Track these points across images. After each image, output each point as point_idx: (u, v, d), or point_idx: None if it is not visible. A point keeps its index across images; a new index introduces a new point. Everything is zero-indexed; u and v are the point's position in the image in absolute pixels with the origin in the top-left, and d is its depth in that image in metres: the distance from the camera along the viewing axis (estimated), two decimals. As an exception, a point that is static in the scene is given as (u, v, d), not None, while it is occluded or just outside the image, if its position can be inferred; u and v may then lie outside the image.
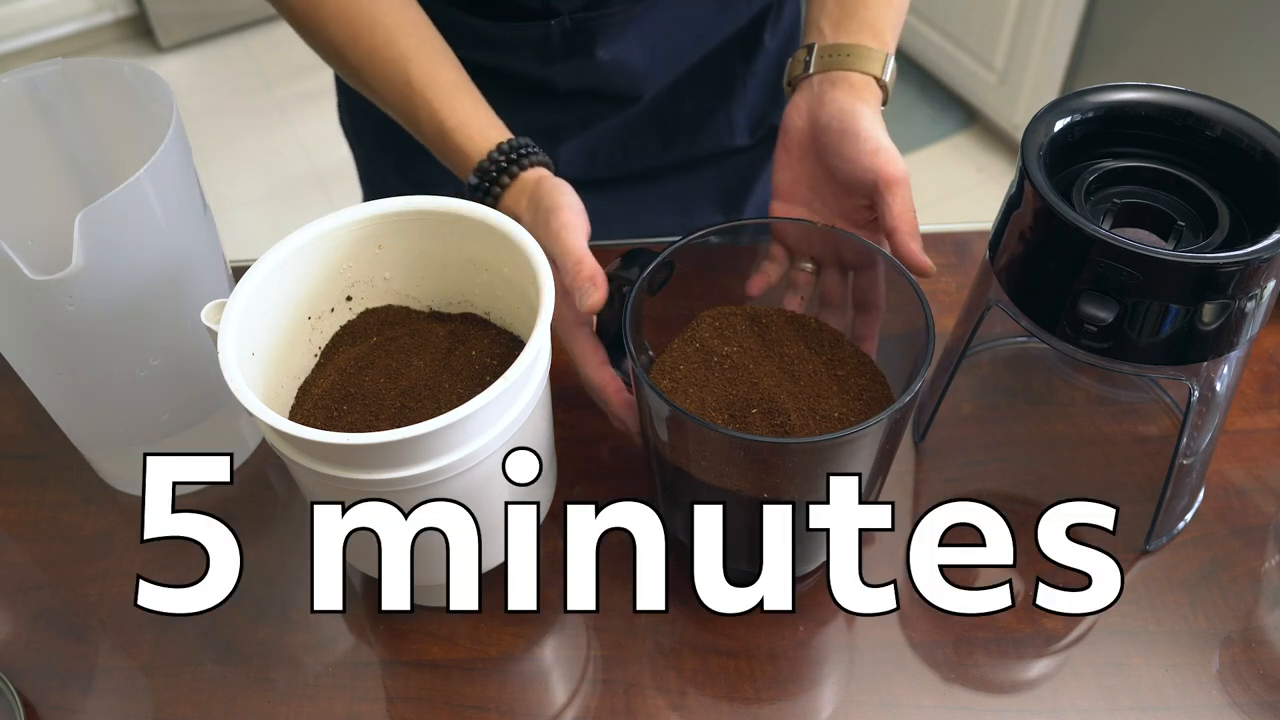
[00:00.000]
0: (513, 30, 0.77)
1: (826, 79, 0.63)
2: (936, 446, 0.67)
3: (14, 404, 0.71)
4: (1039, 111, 0.55)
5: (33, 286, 0.51)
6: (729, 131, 0.88)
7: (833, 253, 0.61)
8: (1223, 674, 0.56)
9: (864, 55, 0.63)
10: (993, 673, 0.57)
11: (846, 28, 0.64)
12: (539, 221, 0.58)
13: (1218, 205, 0.53)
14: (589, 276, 0.55)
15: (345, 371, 0.56)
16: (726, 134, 0.89)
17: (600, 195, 0.89)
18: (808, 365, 0.57)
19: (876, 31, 0.64)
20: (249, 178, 2.28)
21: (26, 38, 2.48)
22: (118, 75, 0.60)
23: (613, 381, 0.59)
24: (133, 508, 0.66)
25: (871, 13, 0.65)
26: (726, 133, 0.89)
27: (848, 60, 0.63)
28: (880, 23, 0.65)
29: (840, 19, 0.65)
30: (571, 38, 0.78)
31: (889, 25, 0.65)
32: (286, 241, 0.54)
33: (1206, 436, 0.59)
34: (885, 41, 0.64)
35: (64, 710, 0.57)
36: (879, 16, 0.65)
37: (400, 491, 0.49)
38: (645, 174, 0.90)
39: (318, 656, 0.59)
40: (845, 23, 0.65)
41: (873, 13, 0.65)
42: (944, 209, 2.08)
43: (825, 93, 0.62)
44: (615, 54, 0.79)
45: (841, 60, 0.63)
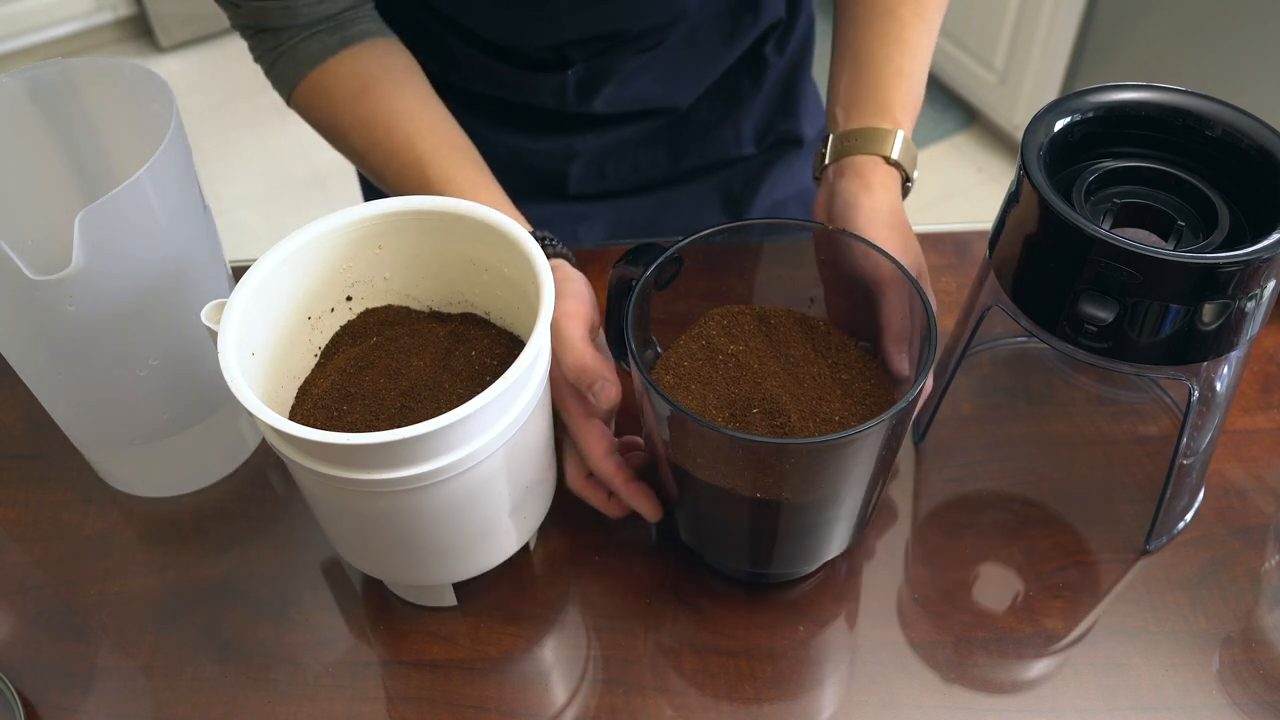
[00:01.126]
0: (529, 79, 0.78)
1: (836, 169, 0.62)
2: (936, 446, 0.67)
3: (14, 404, 0.71)
4: (1039, 111, 0.55)
5: (33, 286, 0.51)
6: (736, 142, 0.89)
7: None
8: (1223, 674, 0.56)
9: (871, 137, 0.62)
10: (993, 673, 0.57)
11: (856, 112, 0.64)
12: None
13: (1218, 205, 0.53)
14: (597, 377, 0.55)
15: (345, 371, 0.56)
16: (734, 144, 0.89)
17: (609, 206, 0.89)
18: (812, 367, 0.57)
19: (886, 110, 0.63)
20: (249, 178, 2.28)
21: (26, 38, 2.48)
22: (118, 75, 0.60)
23: (620, 471, 0.58)
24: (133, 508, 0.66)
25: (880, 92, 0.64)
26: (734, 143, 0.89)
27: (855, 144, 0.62)
28: (890, 100, 0.64)
29: (850, 104, 0.64)
30: (585, 83, 0.79)
31: (899, 102, 0.64)
32: (286, 241, 0.54)
33: (1206, 436, 0.59)
34: (896, 119, 0.63)
35: (64, 710, 0.57)
36: (888, 95, 0.64)
37: (400, 492, 0.49)
38: (653, 185, 0.90)
39: (318, 656, 0.59)
40: (855, 107, 0.64)
41: (882, 92, 0.64)
42: (944, 209, 2.08)
43: (835, 184, 0.62)
44: (628, 92, 0.80)
45: (851, 146, 0.62)
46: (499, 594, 0.61)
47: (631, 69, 0.79)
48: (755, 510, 0.53)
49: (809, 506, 0.52)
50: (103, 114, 0.63)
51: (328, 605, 0.61)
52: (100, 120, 0.63)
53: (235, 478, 0.68)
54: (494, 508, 0.54)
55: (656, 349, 0.59)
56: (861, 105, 0.64)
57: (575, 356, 0.56)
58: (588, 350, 0.56)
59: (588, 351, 0.56)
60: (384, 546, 0.55)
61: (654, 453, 0.56)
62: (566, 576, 0.62)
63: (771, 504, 0.52)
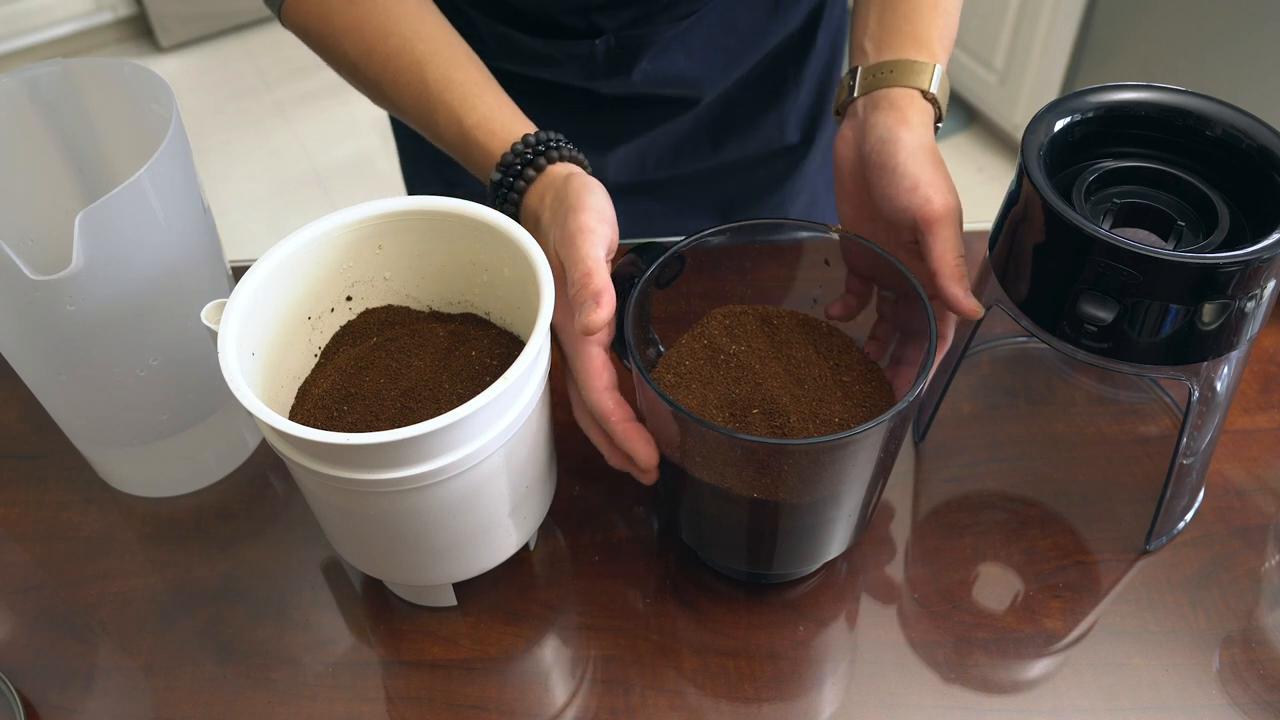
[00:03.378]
0: (557, 47, 0.75)
1: (869, 101, 0.59)
2: (936, 446, 0.67)
3: (14, 404, 0.71)
4: (1039, 111, 0.55)
5: (33, 286, 0.51)
6: (780, 132, 0.85)
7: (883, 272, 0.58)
8: (1223, 674, 0.56)
9: (908, 70, 0.58)
10: (993, 673, 0.57)
11: (890, 44, 0.60)
12: (557, 220, 0.54)
13: (1218, 205, 0.53)
14: (595, 292, 0.50)
15: (345, 372, 0.56)
16: (778, 134, 0.85)
17: (649, 196, 0.86)
18: (814, 369, 0.57)
19: (922, 43, 0.60)
20: (249, 178, 2.28)
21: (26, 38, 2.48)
22: (118, 75, 0.60)
23: (618, 409, 0.53)
24: (133, 508, 0.66)
25: (916, 25, 0.60)
26: (778, 133, 0.85)
27: (890, 77, 0.58)
28: (926, 33, 0.60)
29: (882, 36, 0.61)
30: (616, 54, 0.75)
31: (936, 36, 0.60)
32: (286, 241, 0.54)
33: (1206, 436, 0.59)
34: (934, 53, 0.59)
35: (64, 710, 0.57)
36: (925, 28, 0.60)
37: (400, 492, 0.49)
38: (693, 175, 0.87)
39: (318, 656, 0.59)
40: (888, 40, 0.60)
41: (918, 25, 0.60)
42: (944, 209, 2.07)
43: (868, 118, 0.58)
44: (661, 67, 0.76)
45: (884, 78, 0.59)
46: (499, 594, 0.61)
47: (666, 40, 0.74)
48: (755, 511, 0.53)
49: (809, 507, 0.52)
50: (103, 114, 0.63)
51: (328, 605, 0.61)
52: (100, 120, 0.63)
53: (235, 478, 0.67)
54: (494, 508, 0.54)
55: (659, 348, 0.59)
56: (896, 37, 0.60)
57: (583, 270, 0.51)
58: (600, 269, 0.51)
59: (599, 270, 0.51)
60: (384, 546, 0.55)
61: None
62: (566, 576, 0.62)
63: (771, 505, 0.52)
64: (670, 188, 0.87)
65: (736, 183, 0.89)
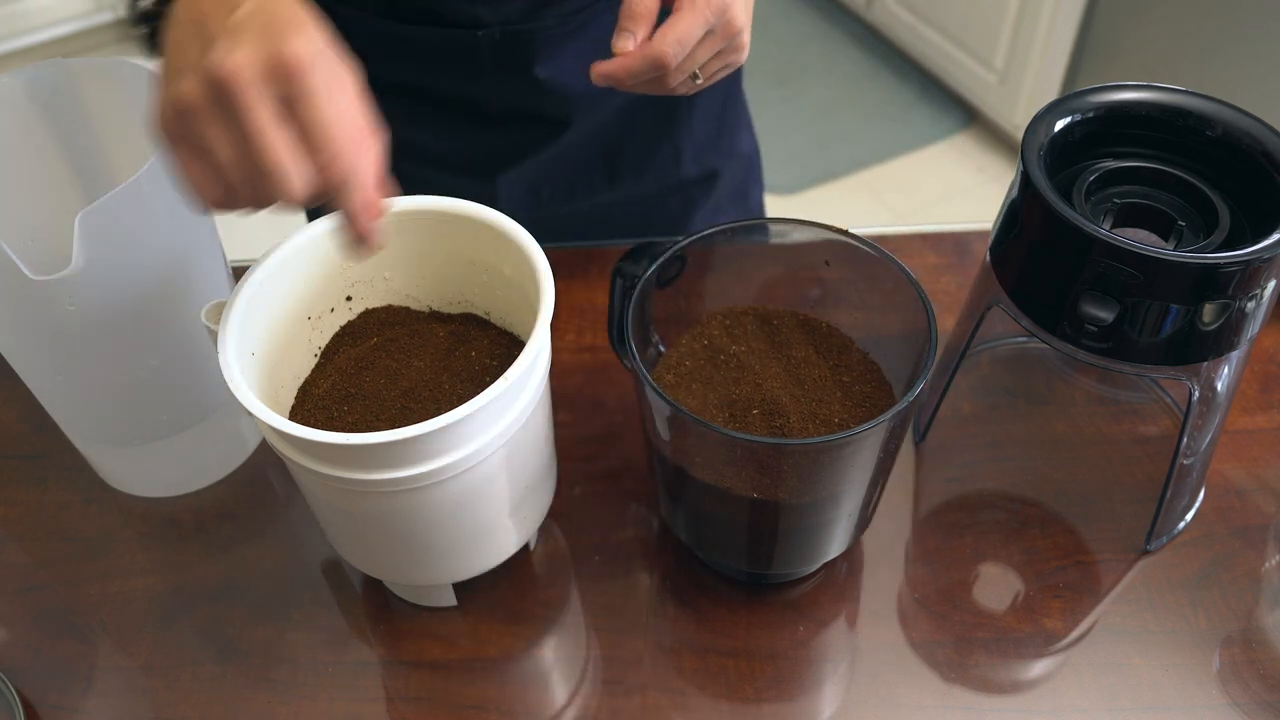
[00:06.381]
0: (436, 36, 0.72)
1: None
2: (936, 446, 0.67)
3: (14, 404, 0.71)
4: (1039, 111, 0.55)
5: (33, 286, 0.51)
6: (675, 164, 0.83)
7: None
8: (1223, 674, 0.56)
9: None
10: (993, 673, 0.57)
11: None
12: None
13: (1218, 205, 0.53)
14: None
15: (345, 372, 0.56)
16: (674, 167, 0.83)
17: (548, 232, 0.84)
18: (814, 369, 0.57)
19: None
20: (249, 178, 2.27)
21: (26, 38, 2.48)
22: (118, 75, 0.60)
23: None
24: (133, 508, 0.66)
25: None
26: (674, 165, 0.83)
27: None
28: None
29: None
30: (502, 51, 0.72)
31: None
32: (286, 241, 0.54)
33: (1206, 436, 0.59)
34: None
35: (64, 710, 0.57)
36: None
37: (400, 492, 0.49)
38: (591, 211, 0.85)
39: (318, 656, 0.59)
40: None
41: None
42: (944, 209, 2.08)
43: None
44: (551, 72, 0.74)
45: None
46: (499, 594, 0.61)
47: (555, 38, 0.72)
48: (755, 511, 0.53)
49: (808, 507, 0.52)
50: (103, 114, 0.63)
51: (328, 605, 0.61)
52: (100, 120, 0.63)
53: (235, 478, 0.67)
54: (494, 508, 0.54)
55: (659, 347, 0.59)
56: None
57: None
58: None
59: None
60: (384, 546, 0.55)
61: (654, 452, 0.56)
62: (566, 576, 0.62)
63: (771, 505, 0.52)
64: (569, 222, 0.85)
65: (635, 219, 0.86)
